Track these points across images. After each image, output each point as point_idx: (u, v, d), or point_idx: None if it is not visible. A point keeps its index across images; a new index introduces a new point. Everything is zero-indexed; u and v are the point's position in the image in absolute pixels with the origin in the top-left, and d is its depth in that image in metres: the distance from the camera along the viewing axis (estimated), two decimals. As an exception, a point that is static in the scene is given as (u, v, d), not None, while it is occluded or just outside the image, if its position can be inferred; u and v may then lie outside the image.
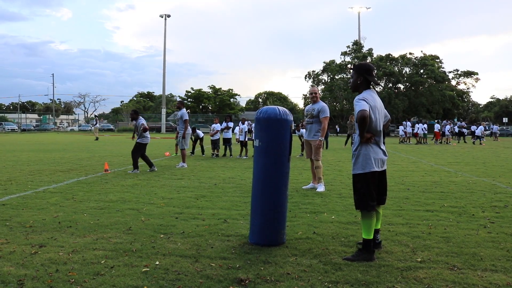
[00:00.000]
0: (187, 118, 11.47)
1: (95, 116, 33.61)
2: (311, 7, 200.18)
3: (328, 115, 7.41)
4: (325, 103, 7.51)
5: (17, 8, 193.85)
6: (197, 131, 15.83)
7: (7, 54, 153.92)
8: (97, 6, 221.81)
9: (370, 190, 3.77)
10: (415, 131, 28.30)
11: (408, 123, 28.93)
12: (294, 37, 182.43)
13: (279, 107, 4.24)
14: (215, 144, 15.42)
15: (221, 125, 15.97)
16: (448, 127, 28.69)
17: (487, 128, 40.89)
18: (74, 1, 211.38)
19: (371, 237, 3.75)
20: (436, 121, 35.65)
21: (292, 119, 4.27)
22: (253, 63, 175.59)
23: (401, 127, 29.50)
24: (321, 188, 7.50)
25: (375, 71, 3.82)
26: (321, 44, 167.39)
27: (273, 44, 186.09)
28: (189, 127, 11.56)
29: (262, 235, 4.13)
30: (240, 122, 16.10)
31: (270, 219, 4.13)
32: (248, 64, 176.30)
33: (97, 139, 28.53)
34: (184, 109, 11.62)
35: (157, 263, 3.59)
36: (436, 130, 28.83)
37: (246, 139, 15.55)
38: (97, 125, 31.26)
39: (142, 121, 10.49)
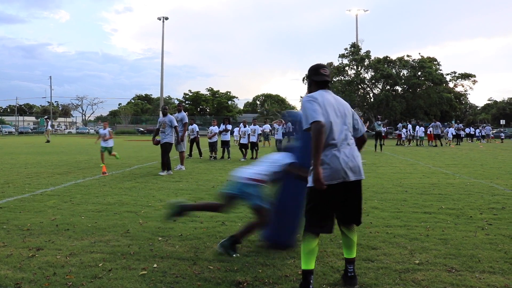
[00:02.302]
0: (187, 121, 11.65)
1: (46, 118, 33.46)
2: (309, 9, 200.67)
3: None
4: None
5: (15, 10, 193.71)
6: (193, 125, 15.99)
7: (5, 56, 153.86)
8: (95, 8, 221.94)
9: (316, 208, 3.04)
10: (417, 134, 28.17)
11: (409, 126, 28.77)
12: (292, 39, 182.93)
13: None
14: (213, 146, 15.44)
15: (219, 128, 16.02)
16: (440, 129, 28.55)
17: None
18: (72, 3, 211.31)
19: (311, 267, 3.05)
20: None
21: None
22: (252, 65, 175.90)
23: (404, 130, 29.27)
24: None
25: (324, 68, 3.32)
26: (320, 46, 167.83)
27: (272, 46, 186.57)
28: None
29: (278, 237, 4.01)
30: (242, 124, 16.16)
31: (287, 222, 3.99)
32: (247, 66, 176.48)
33: (48, 141, 28.41)
34: (184, 112, 11.81)
35: (155, 266, 3.59)
36: (428, 132, 28.77)
37: (258, 140, 15.70)
38: (49, 127, 31.25)
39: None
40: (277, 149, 15.96)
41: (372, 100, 51.19)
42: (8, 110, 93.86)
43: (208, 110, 70.73)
